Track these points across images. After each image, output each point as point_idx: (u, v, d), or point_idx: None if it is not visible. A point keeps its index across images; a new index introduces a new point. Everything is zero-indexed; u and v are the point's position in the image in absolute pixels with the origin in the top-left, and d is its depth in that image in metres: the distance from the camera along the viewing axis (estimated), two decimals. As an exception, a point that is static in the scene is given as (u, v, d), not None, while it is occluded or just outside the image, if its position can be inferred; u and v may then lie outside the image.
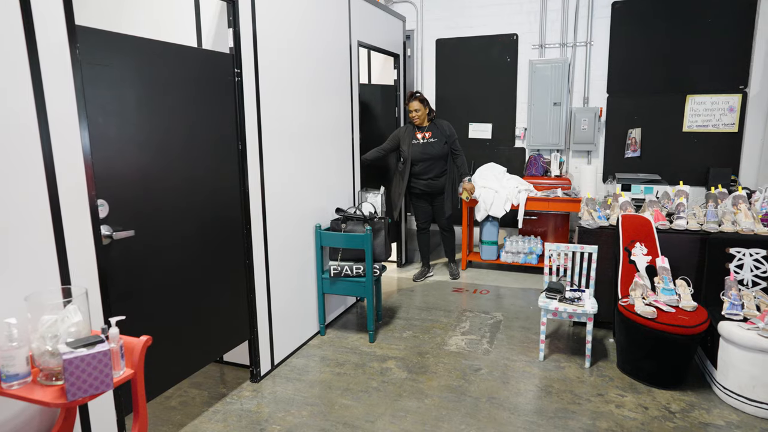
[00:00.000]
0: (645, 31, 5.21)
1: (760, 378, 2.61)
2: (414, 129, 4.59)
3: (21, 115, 1.67)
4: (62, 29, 1.79)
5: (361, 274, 3.55)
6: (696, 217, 3.51)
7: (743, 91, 5.00)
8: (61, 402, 1.49)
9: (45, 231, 1.77)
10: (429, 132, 4.57)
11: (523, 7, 5.61)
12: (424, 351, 3.46)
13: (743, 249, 3.10)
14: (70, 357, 1.47)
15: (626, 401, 2.81)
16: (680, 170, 5.20)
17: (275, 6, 3.01)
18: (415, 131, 4.58)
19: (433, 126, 4.59)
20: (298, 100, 3.31)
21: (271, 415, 2.74)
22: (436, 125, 4.59)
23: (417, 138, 4.56)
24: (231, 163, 2.78)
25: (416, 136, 4.56)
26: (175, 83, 2.39)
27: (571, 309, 3.16)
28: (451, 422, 2.64)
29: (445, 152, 4.57)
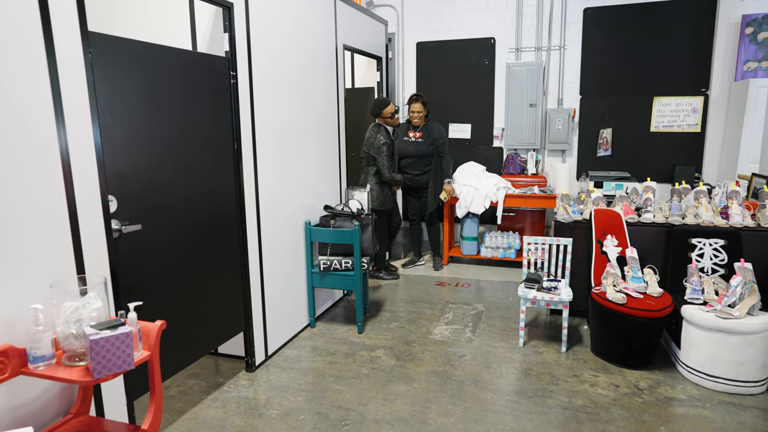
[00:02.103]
0: (614, 37, 5.48)
1: (718, 355, 2.86)
2: (408, 128, 4.86)
3: (41, 116, 1.79)
4: (77, 35, 1.91)
5: (350, 268, 3.71)
6: (662, 211, 3.77)
7: (705, 93, 5.31)
8: (87, 380, 1.62)
9: (62, 224, 1.89)
10: (420, 132, 4.84)
11: (500, 12, 5.83)
12: (411, 340, 3.63)
13: (704, 239, 3.35)
14: (96, 338, 1.60)
15: (599, 381, 3.04)
16: (648, 168, 5.49)
17: (267, 11, 3.16)
18: (408, 130, 4.86)
19: (425, 127, 4.86)
20: (288, 102, 3.46)
21: (268, 400, 2.88)
22: (428, 127, 4.87)
23: (408, 136, 4.87)
24: (227, 162, 2.92)
25: (408, 134, 4.85)
26: (176, 85, 2.52)
27: (548, 297, 3.37)
28: (439, 403, 2.82)
29: (429, 152, 4.86)
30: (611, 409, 2.74)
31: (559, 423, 2.62)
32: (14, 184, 1.70)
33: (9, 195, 1.69)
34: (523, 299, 3.45)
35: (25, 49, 1.72)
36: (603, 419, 2.65)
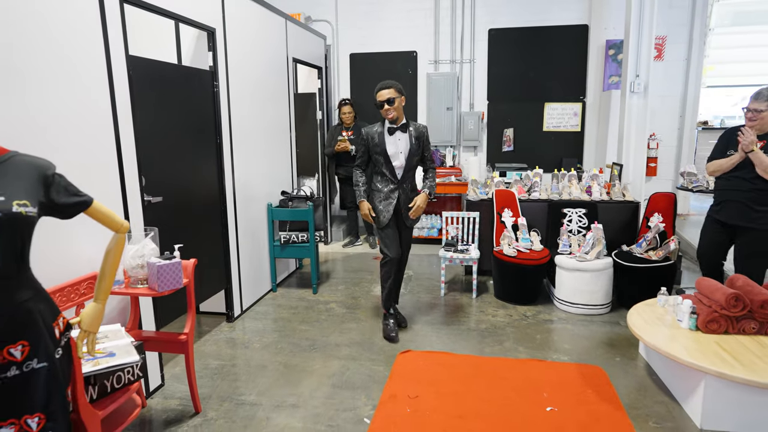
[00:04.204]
0: (513, 53, 6.70)
1: (578, 288, 4.02)
2: (342, 128, 5.79)
3: (105, 116, 2.54)
4: (122, 58, 2.67)
5: (306, 240, 4.57)
6: (546, 191, 4.95)
7: (583, 100, 6.65)
8: (154, 293, 2.41)
9: (116, 194, 2.64)
10: (351, 131, 5.76)
11: (420, 29, 6.88)
12: (357, 296, 4.55)
13: (572, 209, 4.54)
14: (161, 264, 2.40)
15: (498, 313, 4.11)
16: (542, 160, 6.74)
17: (239, 33, 3.96)
18: (342, 129, 5.78)
19: (355, 126, 5.76)
20: (253, 106, 4.26)
21: (250, 339, 3.70)
22: (357, 126, 5.77)
23: (342, 135, 5.74)
24: (211, 154, 3.69)
25: (342, 133, 5.75)
26: (178, 92, 3.29)
27: (461, 256, 4.42)
28: (381, 333, 3.76)
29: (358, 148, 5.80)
30: (506, 328, 3.81)
31: (468, 338, 3.65)
32: (93, 166, 2.45)
33: (89, 173, 2.43)
34: (443, 259, 4.48)
35: (93, 69, 2.47)
36: (499, 334, 3.71)
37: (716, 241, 3.46)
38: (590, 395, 2.87)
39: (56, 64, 2.25)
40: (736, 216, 3.26)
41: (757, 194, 3.16)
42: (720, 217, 3.37)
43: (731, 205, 3.28)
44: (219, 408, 2.80)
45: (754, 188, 3.16)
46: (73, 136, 2.35)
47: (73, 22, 2.33)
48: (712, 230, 3.47)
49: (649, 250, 4.18)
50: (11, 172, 1.41)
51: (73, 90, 2.35)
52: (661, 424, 2.60)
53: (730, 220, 3.30)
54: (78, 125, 2.38)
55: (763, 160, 3.07)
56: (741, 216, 3.23)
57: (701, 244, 3.58)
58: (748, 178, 3.17)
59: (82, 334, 1.73)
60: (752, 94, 3.18)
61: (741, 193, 3.21)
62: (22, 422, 1.41)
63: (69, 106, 2.33)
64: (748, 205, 3.19)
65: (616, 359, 3.31)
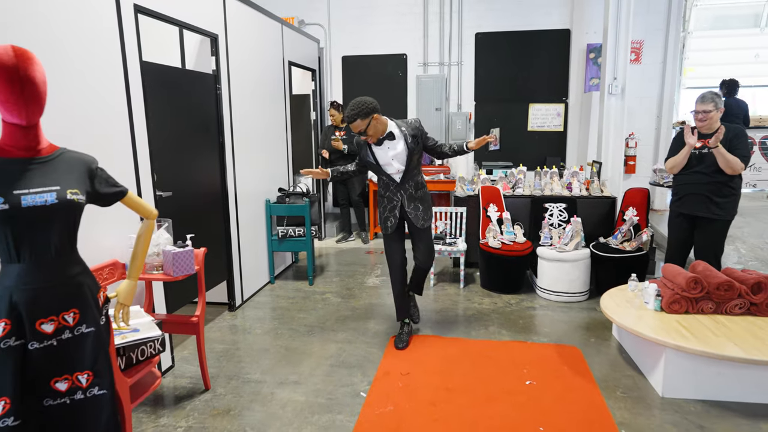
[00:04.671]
0: (499, 56, 6.99)
1: (558, 277, 4.31)
2: (335, 128, 6.02)
3: (122, 118, 2.78)
4: (137, 64, 2.91)
5: (302, 235, 4.82)
6: (529, 187, 5.24)
7: (565, 101, 6.96)
8: (169, 278, 2.65)
9: (131, 189, 2.87)
10: (343, 131, 6.00)
11: (410, 33, 7.15)
12: (351, 286, 4.81)
13: (553, 204, 4.83)
14: (176, 251, 2.64)
15: (484, 301, 4.39)
16: (527, 159, 7.02)
17: (239, 38, 4.20)
18: (335, 130, 6.00)
19: (346, 126, 6.00)
20: (252, 107, 4.51)
21: (252, 325, 3.94)
22: (348, 126, 6.00)
23: (335, 135, 5.97)
24: (215, 152, 3.93)
25: (335, 133, 5.99)
26: (185, 94, 3.53)
27: (449, 249, 4.70)
28: (376, 319, 4.03)
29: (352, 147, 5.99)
30: (491, 315, 4.09)
31: (456, 323, 3.92)
32: (111, 163, 2.69)
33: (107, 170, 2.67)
34: (432, 251, 4.74)
35: (112, 75, 2.71)
36: (485, 319, 3.99)
37: (682, 239, 3.75)
38: (566, 371, 3.15)
39: (80, 73, 2.48)
40: (696, 207, 3.55)
41: (715, 186, 3.46)
42: (682, 210, 3.67)
43: (692, 198, 3.58)
44: (227, 385, 3.04)
45: (713, 181, 3.46)
46: (93, 137, 2.58)
47: (92, 32, 2.57)
48: (678, 230, 3.76)
49: (624, 242, 4.49)
50: (63, 166, 1.65)
51: (94, 95, 2.58)
52: (628, 394, 2.89)
53: (692, 211, 3.59)
54: (99, 125, 2.62)
55: (725, 155, 3.36)
56: (701, 207, 3.53)
57: (670, 244, 3.87)
58: (707, 172, 3.48)
59: (118, 306, 1.98)
60: (697, 97, 3.49)
61: (701, 186, 3.51)
62: (74, 378, 1.66)
63: (90, 110, 2.56)
64: (708, 197, 3.49)
65: (591, 340, 3.60)
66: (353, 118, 3.14)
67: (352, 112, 3.15)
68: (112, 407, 1.72)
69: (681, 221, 3.70)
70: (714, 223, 3.52)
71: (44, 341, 1.60)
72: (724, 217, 3.50)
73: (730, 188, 3.47)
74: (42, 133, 1.64)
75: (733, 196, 3.50)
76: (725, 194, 3.47)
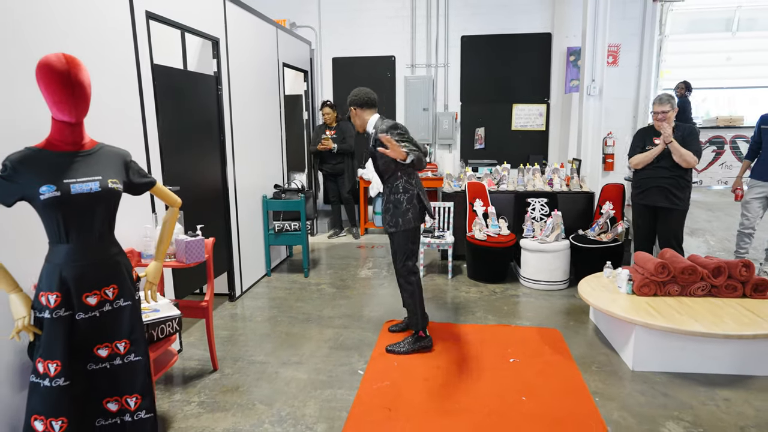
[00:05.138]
0: (483, 58, 7.28)
1: (540, 267, 4.59)
2: (326, 127, 6.23)
3: (135, 117, 2.99)
4: (148, 66, 3.12)
5: (297, 229, 5.05)
6: (513, 183, 5.53)
7: (547, 102, 7.27)
8: (181, 265, 2.86)
9: (145, 182, 3.08)
10: (334, 131, 6.23)
11: (398, 35, 7.40)
12: (345, 278, 5.05)
13: (535, 199, 5.12)
14: (188, 240, 2.86)
15: (471, 290, 4.66)
16: (510, 157, 7.32)
17: (238, 42, 4.42)
18: (326, 129, 6.22)
19: (337, 126, 6.24)
20: (250, 107, 4.72)
21: (252, 314, 4.16)
22: (339, 126, 6.24)
23: (326, 133, 6.20)
24: (216, 150, 4.15)
25: (326, 132, 6.21)
26: (189, 95, 3.74)
27: (438, 241, 4.96)
28: (370, 306, 4.28)
29: (342, 147, 6.22)
30: (477, 302, 4.37)
31: (445, 310, 4.18)
32: (127, 156, 2.89)
33: (125, 162, 2.88)
34: (422, 244, 5.01)
35: (127, 77, 2.92)
36: (471, 306, 4.26)
37: (646, 229, 4.14)
38: (546, 350, 3.43)
39: (99, 73, 2.69)
40: (658, 199, 3.93)
41: (674, 180, 3.87)
42: (645, 201, 4.03)
43: (654, 190, 3.94)
44: (233, 366, 3.27)
45: (673, 175, 3.88)
46: (110, 135, 2.79)
47: (109, 37, 2.78)
48: (642, 223, 4.15)
49: (601, 233, 4.79)
50: (103, 158, 1.87)
51: (110, 96, 2.79)
52: (602, 368, 3.18)
53: (654, 202, 3.96)
54: (116, 124, 2.83)
55: (679, 149, 3.77)
56: (663, 198, 3.90)
57: (637, 234, 4.25)
58: (667, 167, 3.88)
59: (147, 285, 2.20)
60: (654, 99, 3.94)
61: (662, 179, 3.87)
62: (113, 345, 1.88)
63: (105, 111, 2.77)
64: (668, 189, 3.87)
65: (570, 323, 3.89)
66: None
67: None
68: (146, 372, 1.94)
69: (644, 213, 4.06)
70: (673, 213, 3.91)
71: (89, 312, 1.82)
72: (682, 207, 3.91)
73: (686, 181, 3.89)
74: (85, 129, 1.86)
75: (688, 188, 3.91)
76: (682, 186, 3.88)
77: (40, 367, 1.76)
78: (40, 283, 1.79)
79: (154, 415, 1.97)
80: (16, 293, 1.79)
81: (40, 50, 2.17)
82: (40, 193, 1.69)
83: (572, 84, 7.03)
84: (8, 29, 2.13)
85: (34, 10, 2.26)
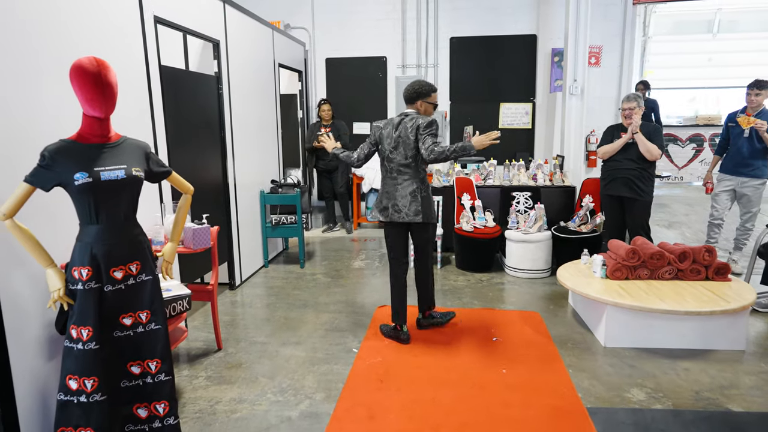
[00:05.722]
0: (472, 59, 7.55)
1: (523, 256, 4.87)
2: (321, 124, 6.48)
3: (145, 115, 3.23)
4: (156, 67, 3.36)
5: (294, 222, 5.30)
6: (499, 178, 5.80)
7: (533, 101, 7.57)
8: (189, 250, 3.11)
9: (153, 175, 3.32)
10: (329, 128, 6.47)
11: (389, 37, 7.66)
12: (339, 269, 5.31)
13: (520, 193, 5.40)
14: (196, 228, 3.10)
15: (459, 278, 4.93)
16: (498, 154, 7.59)
17: (237, 43, 4.65)
18: (321, 126, 6.46)
19: (332, 124, 6.49)
20: (248, 106, 4.96)
21: (252, 300, 4.41)
22: (334, 124, 6.49)
23: (321, 130, 6.44)
24: (217, 146, 4.39)
25: (321, 129, 6.44)
26: (193, 94, 3.98)
27: (427, 233, 5.22)
28: (363, 294, 4.53)
29: None
30: (464, 289, 4.64)
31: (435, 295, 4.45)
32: (138, 150, 3.13)
33: (137, 156, 3.12)
34: (412, 235, 5.27)
35: (139, 77, 3.16)
36: (459, 293, 4.53)
37: (615, 218, 4.50)
38: (527, 330, 3.70)
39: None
40: (622, 189, 4.29)
41: (639, 172, 4.23)
42: (610, 192, 4.39)
43: (619, 181, 4.29)
44: (236, 346, 3.51)
45: (637, 167, 4.23)
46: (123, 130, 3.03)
47: (121, 41, 3.02)
48: (610, 213, 4.51)
49: (581, 225, 5.08)
50: (127, 149, 2.11)
51: (123, 95, 3.02)
52: (576, 345, 3.45)
53: (619, 192, 4.32)
54: (128, 120, 3.06)
55: (644, 141, 4.14)
56: (627, 189, 4.26)
57: (608, 224, 4.60)
58: (632, 158, 4.23)
59: (164, 263, 2.44)
60: (624, 98, 4.33)
61: (628, 171, 4.23)
62: (136, 315, 2.12)
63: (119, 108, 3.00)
64: (632, 181, 4.23)
65: (550, 307, 4.17)
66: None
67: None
68: (165, 339, 2.18)
69: (611, 203, 4.41)
70: (637, 203, 4.26)
71: (115, 285, 2.06)
72: (646, 198, 4.26)
73: (649, 174, 4.24)
74: (111, 124, 2.10)
75: (651, 180, 4.25)
76: (645, 178, 4.23)
77: (73, 333, 2.00)
78: (73, 259, 2.03)
79: (172, 377, 2.22)
80: (52, 268, 2.03)
81: (69, 55, 2.42)
82: (74, 179, 1.93)
83: (557, 84, 7.32)
84: (37, 37, 2.36)
85: (61, 19, 2.50)
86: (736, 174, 4.69)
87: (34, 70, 2.33)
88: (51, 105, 2.41)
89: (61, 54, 2.45)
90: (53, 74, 2.41)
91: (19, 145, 2.20)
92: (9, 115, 2.18)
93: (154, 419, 2.20)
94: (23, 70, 2.27)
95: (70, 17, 2.59)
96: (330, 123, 6.54)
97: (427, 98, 3.49)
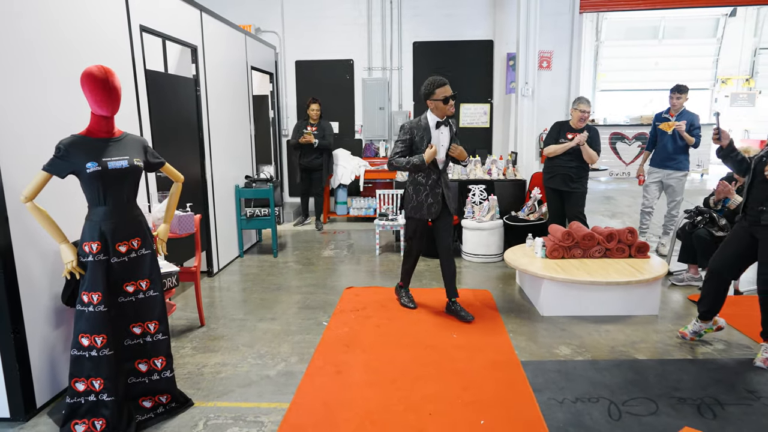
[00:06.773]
0: (433, 62, 8.05)
1: (478, 242, 5.38)
2: (307, 123, 6.82)
3: (132, 116, 3.59)
4: (142, 72, 3.71)
5: (267, 215, 5.68)
6: (457, 173, 6.31)
7: (490, 102, 8.12)
8: (175, 235, 3.48)
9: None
10: (315, 127, 6.82)
11: (356, 40, 8.09)
12: (310, 257, 5.72)
13: (476, 186, 5.91)
14: (181, 215, 3.48)
15: (420, 264, 5.38)
16: (459, 151, 8.13)
17: (213, 48, 5.02)
18: (308, 125, 6.79)
19: (318, 124, 6.85)
20: (223, 106, 5.32)
21: (230, 286, 4.79)
22: (320, 124, 6.85)
23: (307, 129, 6.78)
24: (195, 144, 4.74)
25: (307, 128, 6.78)
26: (173, 96, 4.33)
27: (391, 223, 5.69)
28: (333, 277, 4.96)
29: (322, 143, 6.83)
30: (425, 273, 5.11)
31: (396, 279, 4.91)
32: (127, 146, 3.49)
33: (126, 151, 3.47)
34: (377, 226, 5.73)
35: (127, 81, 3.52)
36: (419, 276, 5.00)
37: (556, 208, 5.08)
38: (477, 304, 4.20)
39: (107, 77, 3.28)
40: (562, 183, 4.86)
41: (576, 170, 4.81)
42: (552, 185, 4.95)
43: (560, 176, 4.86)
44: (218, 323, 3.90)
45: (576, 166, 4.81)
46: (116, 126, 3.39)
47: (109, 48, 3.37)
48: (552, 203, 5.08)
49: (530, 214, 5.62)
50: (128, 143, 2.49)
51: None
52: (519, 315, 3.97)
53: (559, 186, 4.89)
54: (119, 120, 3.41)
55: (588, 150, 4.68)
56: (566, 183, 4.83)
57: (550, 213, 5.14)
58: (573, 158, 4.79)
59: (159, 241, 2.82)
60: (581, 100, 4.79)
61: (568, 168, 4.79)
62: (138, 283, 2.50)
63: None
64: (570, 177, 4.79)
65: (499, 286, 4.68)
66: (448, 82, 3.85)
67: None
68: (162, 304, 2.57)
69: (554, 195, 4.96)
70: (573, 195, 4.86)
71: (120, 257, 2.44)
72: (581, 191, 4.87)
73: (585, 171, 4.86)
74: (114, 121, 2.48)
75: (585, 176, 4.88)
76: (581, 175, 4.84)
77: (85, 298, 2.38)
78: (84, 236, 2.40)
79: (168, 337, 2.61)
80: (65, 243, 2.40)
81: (70, 63, 2.78)
82: (86, 168, 2.31)
83: (511, 86, 7.88)
84: (40, 48, 2.71)
85: (65, 36, 2.85)
86: (663, 167, 5.31)
87: (40, 79, 2.69)
88: (55, 107, 2.77)
89: (64, 64, 2.81)
90: (56, 82, 2.76)
91: (29, 141, 2.56)
92: (19, 116, 2.53)
93: (152, 372, 2.59)
94: (29, 79, 2.62)
95: (71, 33, 2.94)
96: (317, 123, 6.86)
97: (432, 96, 3.74)
